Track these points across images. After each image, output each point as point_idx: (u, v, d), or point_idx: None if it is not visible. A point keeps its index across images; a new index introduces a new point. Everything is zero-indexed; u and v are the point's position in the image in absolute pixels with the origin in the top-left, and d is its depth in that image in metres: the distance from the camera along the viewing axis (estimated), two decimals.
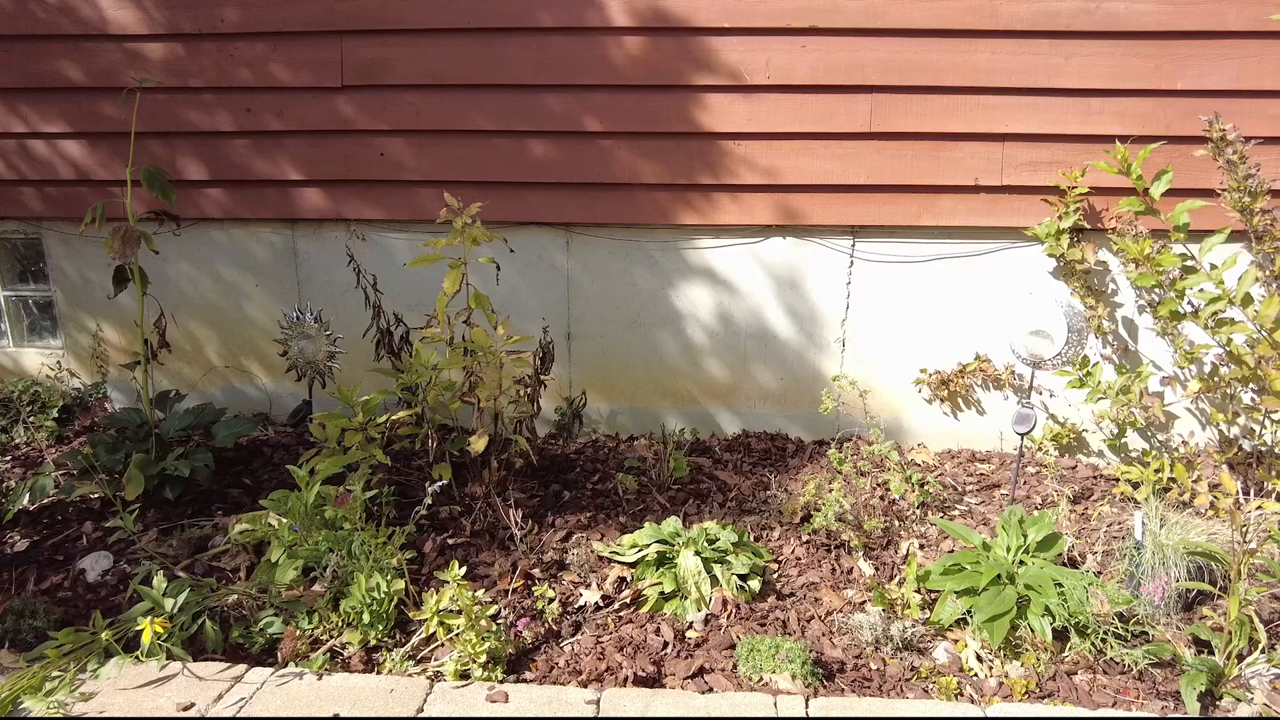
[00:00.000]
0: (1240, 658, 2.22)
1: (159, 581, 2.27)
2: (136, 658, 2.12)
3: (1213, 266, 2.71)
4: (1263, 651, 2.20)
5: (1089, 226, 3.31)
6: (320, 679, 2.09)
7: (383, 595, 2.35)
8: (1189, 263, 2.75)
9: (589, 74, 3.35)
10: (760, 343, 3.61)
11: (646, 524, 2.74)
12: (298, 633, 2.31)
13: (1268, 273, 2.75)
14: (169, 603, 2.23)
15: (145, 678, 2.08)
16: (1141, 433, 3.41)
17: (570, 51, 3.34)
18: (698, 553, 2.53)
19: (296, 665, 2.20)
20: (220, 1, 3.38)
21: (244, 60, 3.45)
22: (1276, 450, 2.84)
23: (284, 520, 2.60)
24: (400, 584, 2.40)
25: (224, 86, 3.48)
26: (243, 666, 2.14)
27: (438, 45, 3.38)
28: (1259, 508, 2.70)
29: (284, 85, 3.46)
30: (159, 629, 2.08)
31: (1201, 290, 2.67)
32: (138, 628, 2.09)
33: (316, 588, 2.48)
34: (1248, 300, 2.61)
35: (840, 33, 3.25)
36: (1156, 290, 2.91)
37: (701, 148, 3.39)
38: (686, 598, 2.47)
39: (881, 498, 3.11)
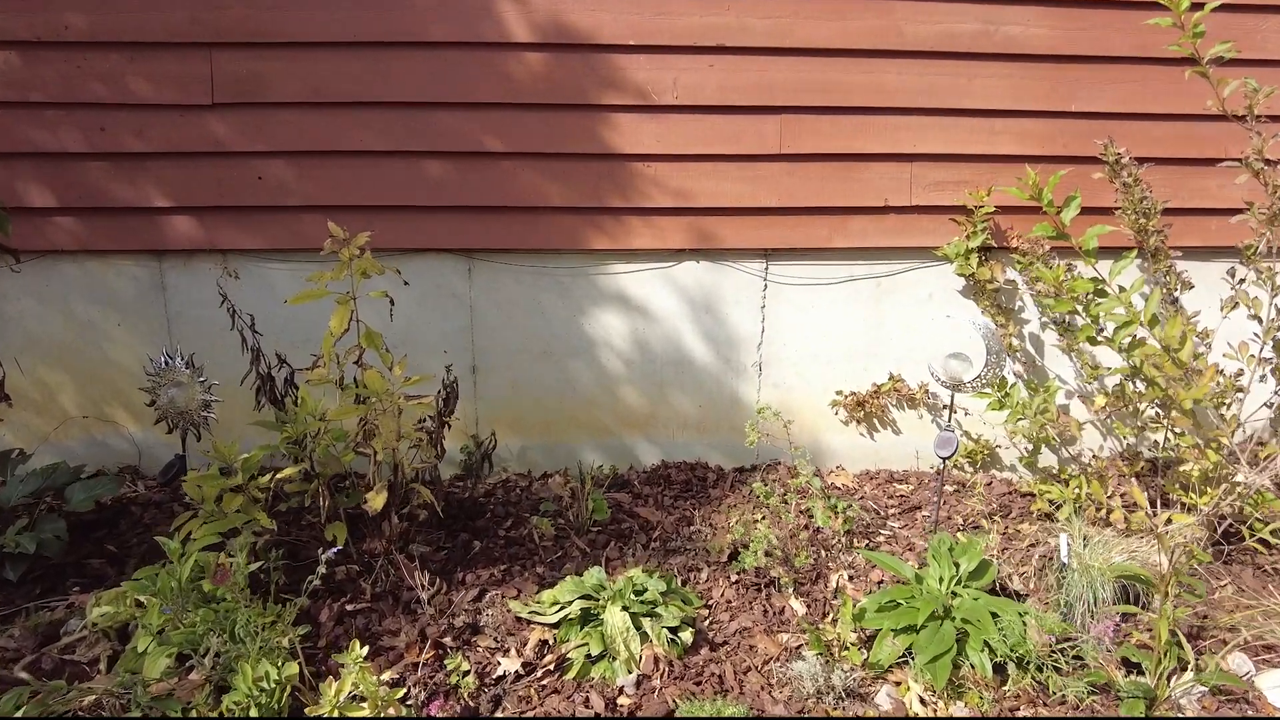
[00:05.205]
0: (1169, 678, 2.22)
1: None
2: None
3: (1121, 289, 2.75)
4: (1190, 671, 2.22)
5: (996, 245, 3.35)
6: None
7: (273, 685, 2.07)
8: (1100, 286, 2.79)
9: (487, 91, 3.14)
10: (677, 369, 3.48)
11: (567, 576, 2.55)
12: None
13: (1164, 291, 2.83)
14: None
15: None
16: (1050, 447, 3.47)
17: (466, 67, 3.12)
18: (625, 607, 2.36)
19: None
20: (65, 6, 3.00)
21: (96, 73, 3.06)
22: (1181, 456, 2.91)
23: (154, 600, 2.27)
24: (293, 668, 2.13)
25: (71, 102, 3.08)
26: None
27: (320, 59, 3.10)
28: (1168, 520, 2.75)
29: (145, 102, 3.10)
30: None
31: (1114, 314, 2.72)
32: None
33: (194, 677, 2.17)
34: (1154, 321, 2.66)
35: (748, 51, 3.17)
36: (1072, 314, 2.94)
37: (610, 169, 3.24)
38: (615, 659, 2.29)
39: (806, 526, 3.02)
